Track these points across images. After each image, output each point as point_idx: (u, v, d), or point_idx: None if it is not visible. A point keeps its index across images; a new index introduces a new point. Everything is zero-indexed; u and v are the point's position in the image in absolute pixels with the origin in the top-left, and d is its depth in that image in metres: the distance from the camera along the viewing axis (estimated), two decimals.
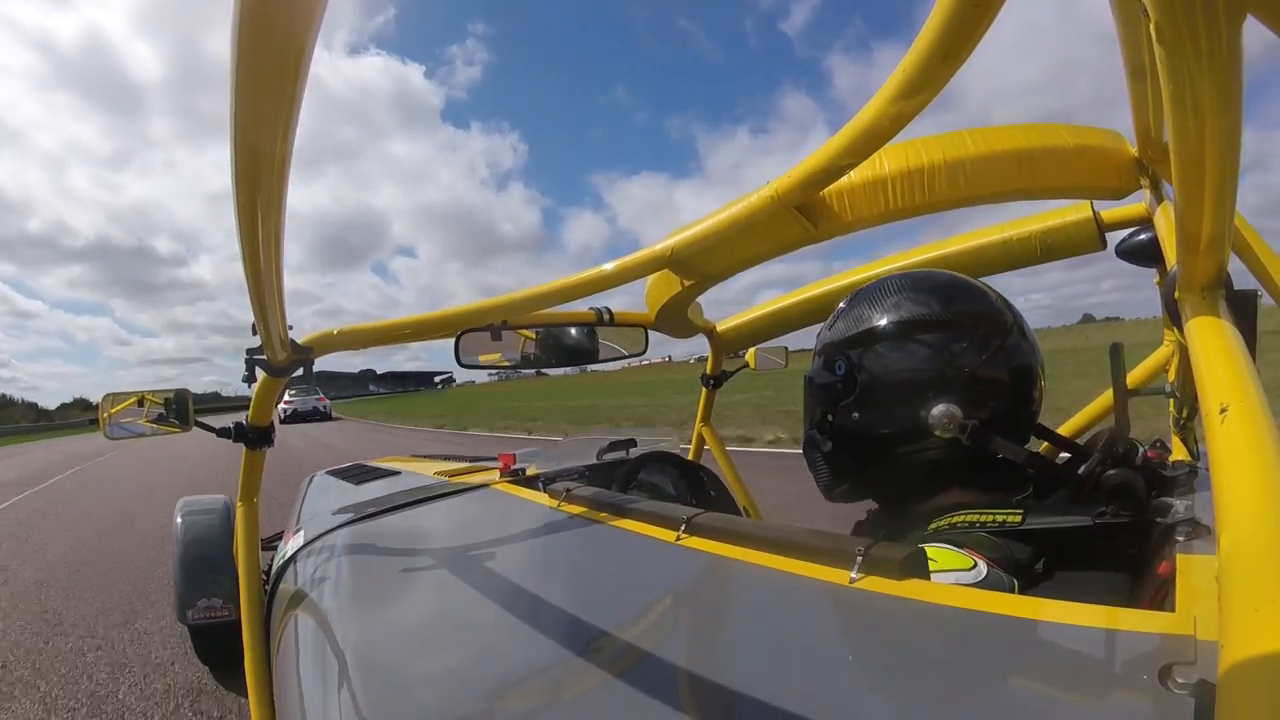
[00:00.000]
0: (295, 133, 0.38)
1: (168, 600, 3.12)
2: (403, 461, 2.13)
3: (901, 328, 0.75)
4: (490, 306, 0.91)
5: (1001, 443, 0.70)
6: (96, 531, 5.31)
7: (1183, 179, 0.38)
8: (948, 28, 0.40)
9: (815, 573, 0.63)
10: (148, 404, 1.09)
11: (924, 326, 0.74)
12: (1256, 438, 0.32)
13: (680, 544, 0.79)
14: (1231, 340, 0.41)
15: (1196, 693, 0.36)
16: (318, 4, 0.28)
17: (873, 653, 0.53)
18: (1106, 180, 0.82)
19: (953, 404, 0.70)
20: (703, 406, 1.90)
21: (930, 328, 0.74)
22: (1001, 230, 1.10)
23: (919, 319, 0.74)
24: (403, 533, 1.21)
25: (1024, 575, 0.61)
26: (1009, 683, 0.46)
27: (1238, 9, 0.26)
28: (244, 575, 1.08)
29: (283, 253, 0.55)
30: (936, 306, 0.75)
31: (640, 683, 0.55)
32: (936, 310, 0.74)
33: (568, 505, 1.06)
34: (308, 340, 0.89)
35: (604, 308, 1.49)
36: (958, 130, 0.84)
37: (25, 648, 2.82)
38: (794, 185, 0.66)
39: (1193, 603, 0.45)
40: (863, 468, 0.79)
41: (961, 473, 0.74)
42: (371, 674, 0.68)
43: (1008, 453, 0.70)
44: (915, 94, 0.47)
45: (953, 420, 0.69)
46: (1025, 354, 0.74)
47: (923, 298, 0.76)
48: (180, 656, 2.56)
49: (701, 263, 1.10)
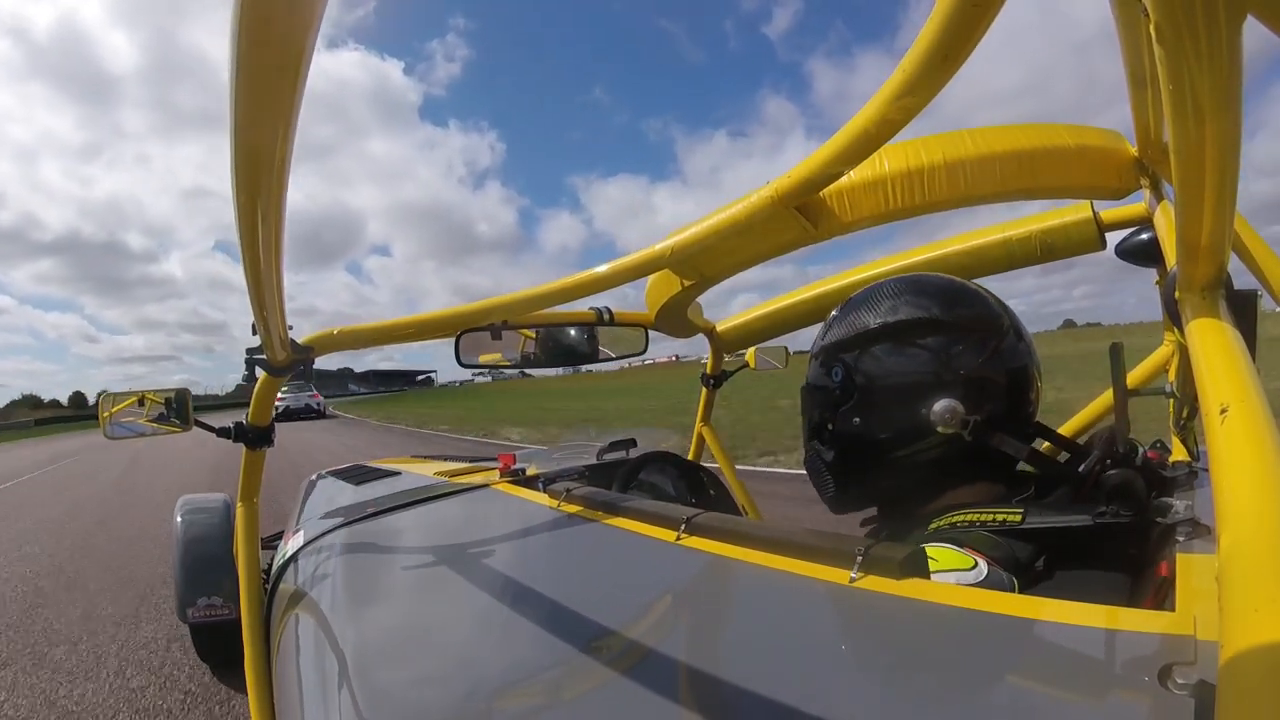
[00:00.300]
0: (295, 133, 0.38)
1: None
2: (403, 462, 2.13)
3: (898, 330, 0.75)
4: (490, 306, 0.91)
5: (1003, 438, 0.70)
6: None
7: (1183, 179, 0.38)
8: (948, 28, 0.40)
9: (815, 573, 0.63)
10: (148, 403, 1.09)
11: (921, 329, 0.74)
12: (1256, 438, 0.32)
13: (680, 544, 0.79)
14: (1231, 341, 0.41)
15: (1196, 693, 0.36)
16: (318, 4, 0.28)
17: (873, 652, 0.53)
18: (1106, 180, 0.81)
19: (953, 399, 0.70)
20: (703, 406, 1.90)
21: (928, 330, 0.74)
22: (1001, 230, 1.10)
23: (916, 321, 0.74)
24: (403, 533, 1.21)
25: (1024, 574, 0.61)
26: (1009, 682, 0.46)
27: (1238, 9, 0.26)
28: (244, 575, 1.08)
29: (283, 253, 0.55)
30: (933, 309, 0.74)
31: (640, 682, 0.55)
32: (934, 312, 0.74)
33: (568, 505, 1.06)
34: (308, 340, 0.90)
35: (604, 308, 1.49)
36: (958, 130, 0.84)
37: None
38: (794, 185, 0.66)
39: (1193, 603, 0.45)
40: (866, 473, 0.78)
41: (964, 471, 0.74)
42: (371, 673, 0.68)
43: (1009, 448, 0.70)
44: (915, 94, 0.47)
45: (955, 415, 0.69)
46: (1022, 355, 0.74)
47: (919, 300, 0.76)
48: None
49: (701, 263, 1.10)
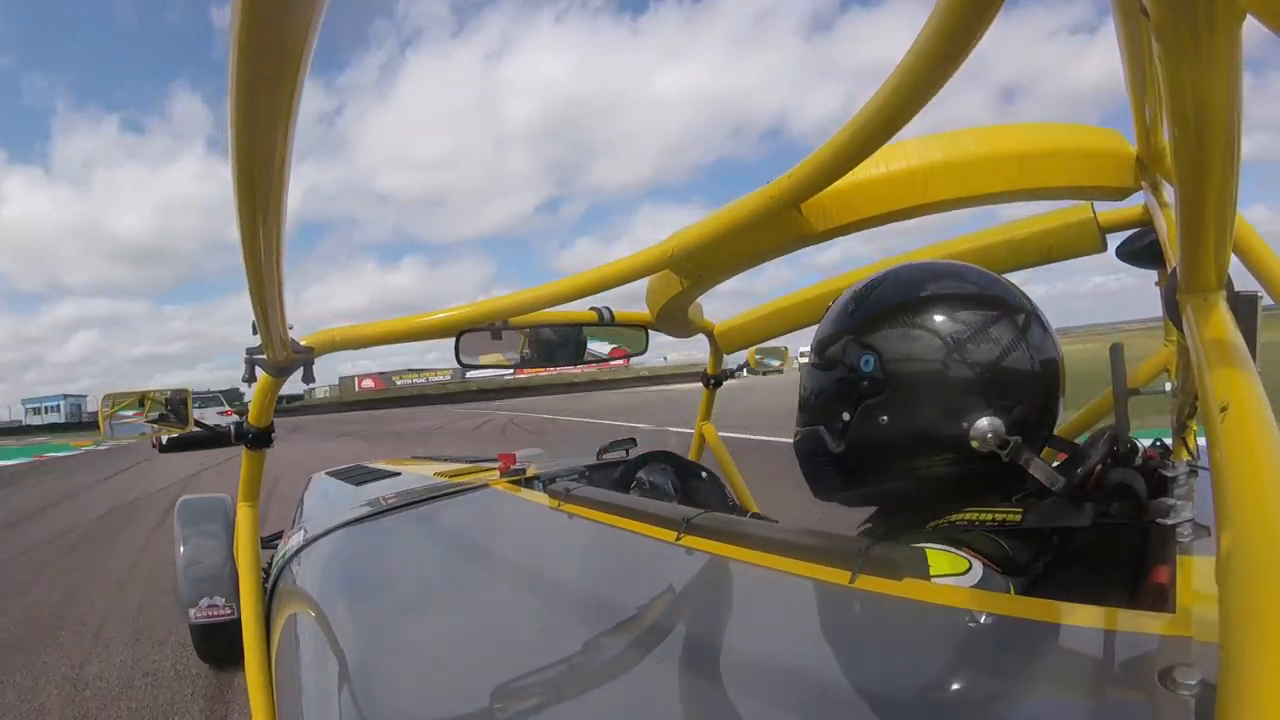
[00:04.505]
0: (295, 133, 0.38)
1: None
2: (403, 462, 2.14)
3: (953, 323, 0.66)
4: (490, 307, 0.92)
5: (1037, 462, 0.64)
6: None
7: (1183, 179, 0.38)
8: (948, 27, 0.40)
9: (815, 573, 0.62)
10: (148, 403, 1.10)
11: (979, 324, 0.66)
12: (1256, 438, 0.32)
13: (680, 544, 0.79)
14: (1232, 341, 0.41)
15: (1196, 693, 0.36)
16: (317, 5, 0.28)
17: (873, 653, 0.53)
18: (1106, 180, 0.81)
19: (997, 418, 0.63)
20: (703, 406, 1.91)
21: (986, 325, 0.66)
22: (1002, 231, 1.10)
23: (974, 314, 0.66)
24: (403, 533, 1.21)
25: (1023, 574, 0.61)
26: (1009, 683, 0.46)
27: (1238, 9, 0.26)
28: (244, 575, 1.08)
29: (283, 252, 0.55)
30: (999, 312, 0.67)
31: (640, 682, 0.55)
32: (991, 308, 0.67)
33: (568, 505, 1.06)
34: (309, 340, 0.89)
35: (604, 307, 1.49)
36: (958, 130, 0.84)
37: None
38: (794, 185, 0.66)
39: (1193, 603, 0.45)
40: (877, 475, 0.71)
41: (983, 488, 0.68)
42: (371, 673, 0.68)
43: (1042, 474, 0.64)
44: (915, 94, 0.47)
45: (996, 436, 0.63)
46: (1060, 371, 0.70)
47: (983, 298, 0.68)
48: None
49: (702, 263, 1.10)
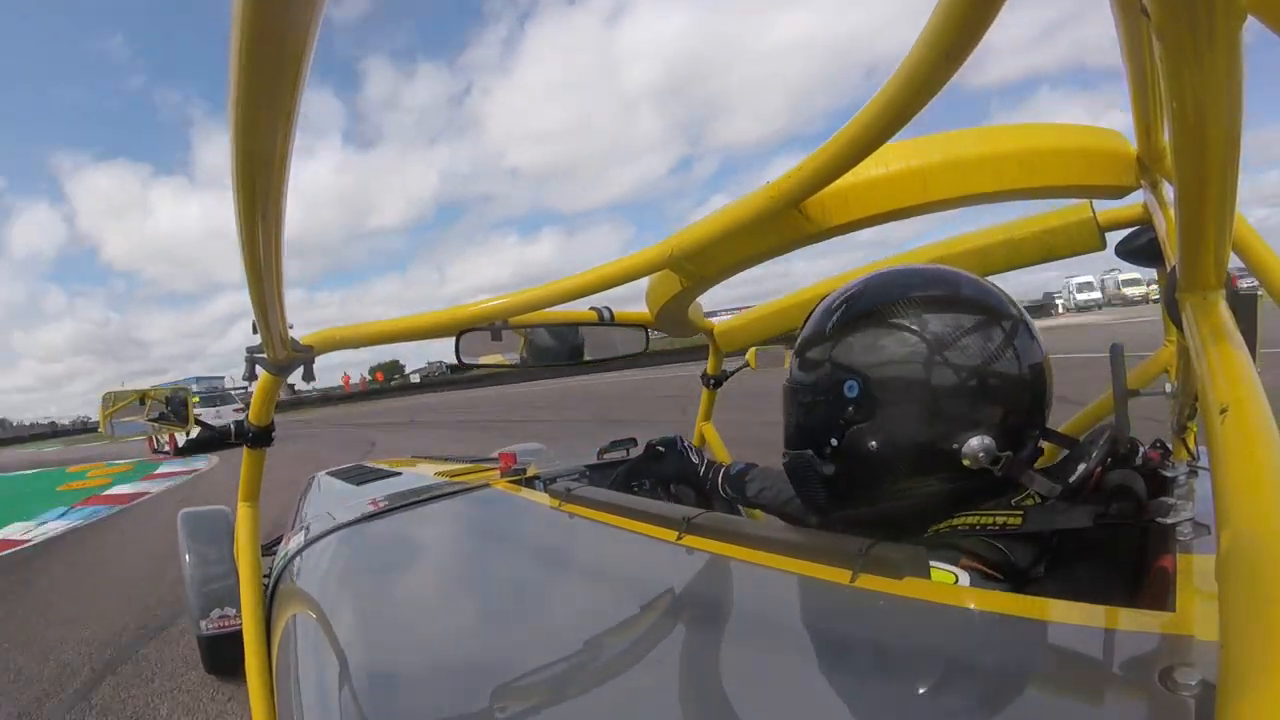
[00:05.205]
0: (295, 133, 0.38)
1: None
2: (403, 462, 2.14)
3: (937, 341, 0.65)
4: (490, 306, 0.92)
5: (1033, 475, 0.65)
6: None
7: (1183, 179, 0.38)
8: (949, 27, 0.40)
9: (815, 573, 0.63)
10: (149, 402, 1.10)
11: (963, 339, 0.65)
12: (1256, 438, 0.32)
13: (680, 544, 0.79)
14: (1232, 341, 0.41)
15: (1196, 693, 0.36)
16: (318, 4, 0.28)
17: (873, 653, 0.53)
18: (1106, 180, 0.81)
19: (988, 436, 0.63)
20: (704, 406, 1.91)
21: (970, 340, 0.65)
22: (1003, 230, 1.10)
23: (957, 328, 0.66)
24: (403, 533, 1.21)
25: (1022, 578, 0.61)
26: (1010, 683, 0.46)
27: (1238, 9, 0.26)
28: (245, 576, 1.08)
29: (283, 252, 0.55)
30: (972, 309, 0.67)
31: (641, 682, 0.55)
32: (972, 321, 0.66)
33: (568, 505, 1.06)
34: (310, 339, 0.89)
35: (604, 307, 1.49)
36: (958, 130, 0.84)
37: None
38: (794, 185, 0.66)
39: (1193, 603, 0.45)
40: (869, 493, 0.71)
41: (977, 498, 0.68)
42: (372, 673, 0.68)
43: (1040, 487, 0.64)
44: (916, 94, 0.47)
45: (988, 455, 0.63)
46: (1047, 375, 0.69)
47: (951, 303, 0.67)
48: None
49: (702, 263, 1.10)
